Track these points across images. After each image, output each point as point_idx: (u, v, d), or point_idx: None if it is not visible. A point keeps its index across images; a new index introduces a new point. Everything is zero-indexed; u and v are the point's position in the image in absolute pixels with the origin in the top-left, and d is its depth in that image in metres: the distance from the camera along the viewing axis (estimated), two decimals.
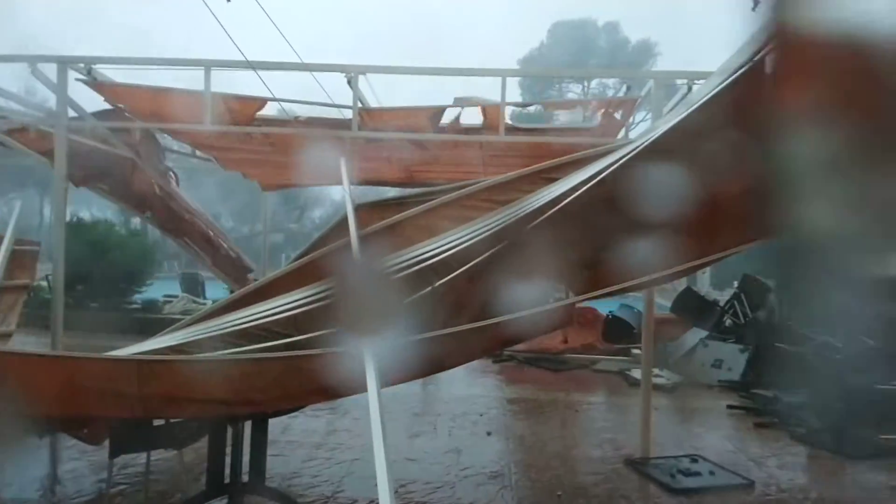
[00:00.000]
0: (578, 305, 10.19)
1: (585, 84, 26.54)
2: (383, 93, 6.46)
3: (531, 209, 3.86)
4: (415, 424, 6.16)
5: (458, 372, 8.23)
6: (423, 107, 6.18)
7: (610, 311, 10.82)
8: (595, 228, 3.76)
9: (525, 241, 3.79)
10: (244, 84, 5.90)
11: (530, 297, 3.80)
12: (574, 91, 26.99)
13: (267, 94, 5.83)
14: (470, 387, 7.80)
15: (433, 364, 4.08)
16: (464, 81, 5.84)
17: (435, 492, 4.52)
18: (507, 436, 6.03)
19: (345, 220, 4.52)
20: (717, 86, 3.03)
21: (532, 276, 3.83)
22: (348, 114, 5.68)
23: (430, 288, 3.70)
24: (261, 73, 5.54)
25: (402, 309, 3.58)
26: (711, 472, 5.10)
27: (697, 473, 5.04)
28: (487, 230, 3.92)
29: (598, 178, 3.48)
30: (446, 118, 6.37)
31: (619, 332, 10.49)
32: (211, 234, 9.61)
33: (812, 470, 5.51)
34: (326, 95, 5.90)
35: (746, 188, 3.25)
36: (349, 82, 5.37)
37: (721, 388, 8.29)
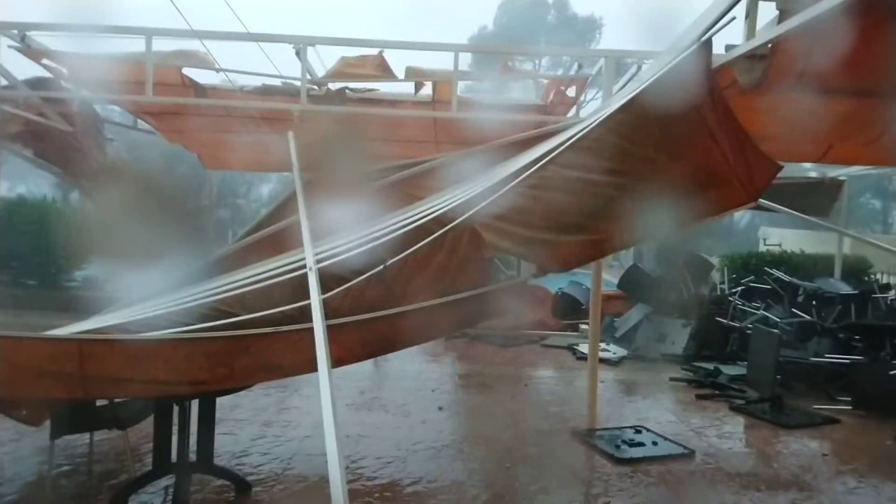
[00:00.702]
0: (530, 283, 10.32)
1: (537, 62, 26.57)
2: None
3: (485, 188, 3.86)
4: (366, 401, 6.17)
5: (410, 350, 8.26)
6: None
7: (559, 288, 11.02)
8: (551, 206, 3.79)
9: (479, 220, 3.79)
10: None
11: (484, 274, 3.84)
12: (527, 69, 26.98)
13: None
14: (422, 364, 7.85)
15: (386, 344, 4.07)
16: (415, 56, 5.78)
17: (386, 466, 4.55)
18: (458, 410, 6.11)
19: (294, 196, 4.44)
20: (661, 69, 3.08)
21: (488, 252, 3.86)
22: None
23: (382, 266, 3.68)
24: (207, 43, 5.36)
25: None
26: (654, 443, 5.28)
27: (641, 444, 5.22)
28: (440, 209, 3.91)
29: (550, 157, 3.51)
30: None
31: (568, 308, 10.70)
32: None
33: (749, 439, 5.75)
34: (273, 67, 5.74)
35: (698, 165, 3.33)
36: (297, 54, 5.24)
37: (665, 362, 8.55)
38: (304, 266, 3.61)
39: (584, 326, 9.49)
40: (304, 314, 3.28)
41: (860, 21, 3.10)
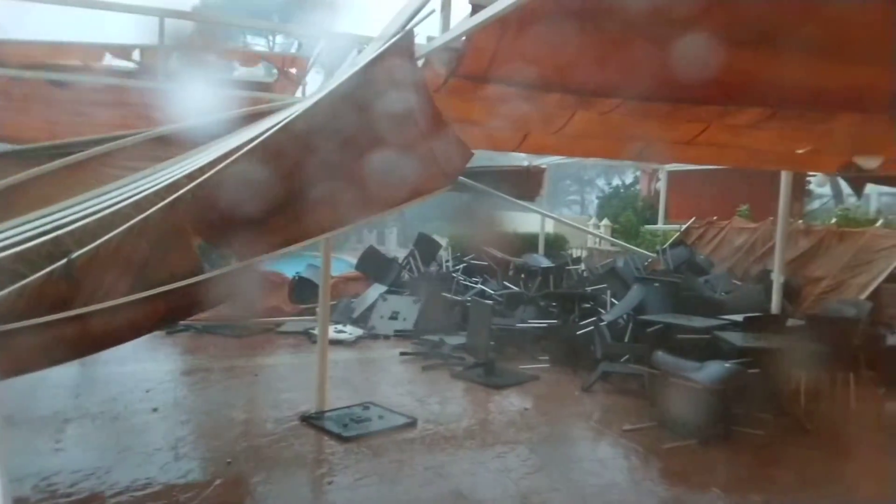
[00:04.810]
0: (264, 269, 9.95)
1: (271, 38, 25.61)
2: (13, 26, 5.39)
3: (195, 167, 3.59)
4: (66, 409, 5.43)
5: (125, 348, 7.47)
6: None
7: (297, 273, 10.87)
8: (262, 186, 3.65)
9: (186, 200, 3.50)
10: None
11: (190, 263, 3.56)
12: (260, 44, 25.92)
13: None
14: (137, 363, 7.13)
15: (76, 348, 3.59)
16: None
17: (86, 479, 4.05)
18: (177, 409, 5.68)
19: None
20: (367, 57, 3.14)
21: (195, 239, 3.59)
22: None
23: (66, 259, 3.21)
24: None
25: None
26: (380, 417, 5.49)
27: (368, 419, 5.39)
28: (144, 190, 3.54)
29: (258, 140, 3.38)
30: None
31: (305, 292, 10.60)
32: None
33: (465, 402, 6.27)
34: None
35: (400, 150, 3.46)
36: None
37: (398, 338, 8.94)
38: None
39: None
40: None
41: (542, 19, 3.48)
